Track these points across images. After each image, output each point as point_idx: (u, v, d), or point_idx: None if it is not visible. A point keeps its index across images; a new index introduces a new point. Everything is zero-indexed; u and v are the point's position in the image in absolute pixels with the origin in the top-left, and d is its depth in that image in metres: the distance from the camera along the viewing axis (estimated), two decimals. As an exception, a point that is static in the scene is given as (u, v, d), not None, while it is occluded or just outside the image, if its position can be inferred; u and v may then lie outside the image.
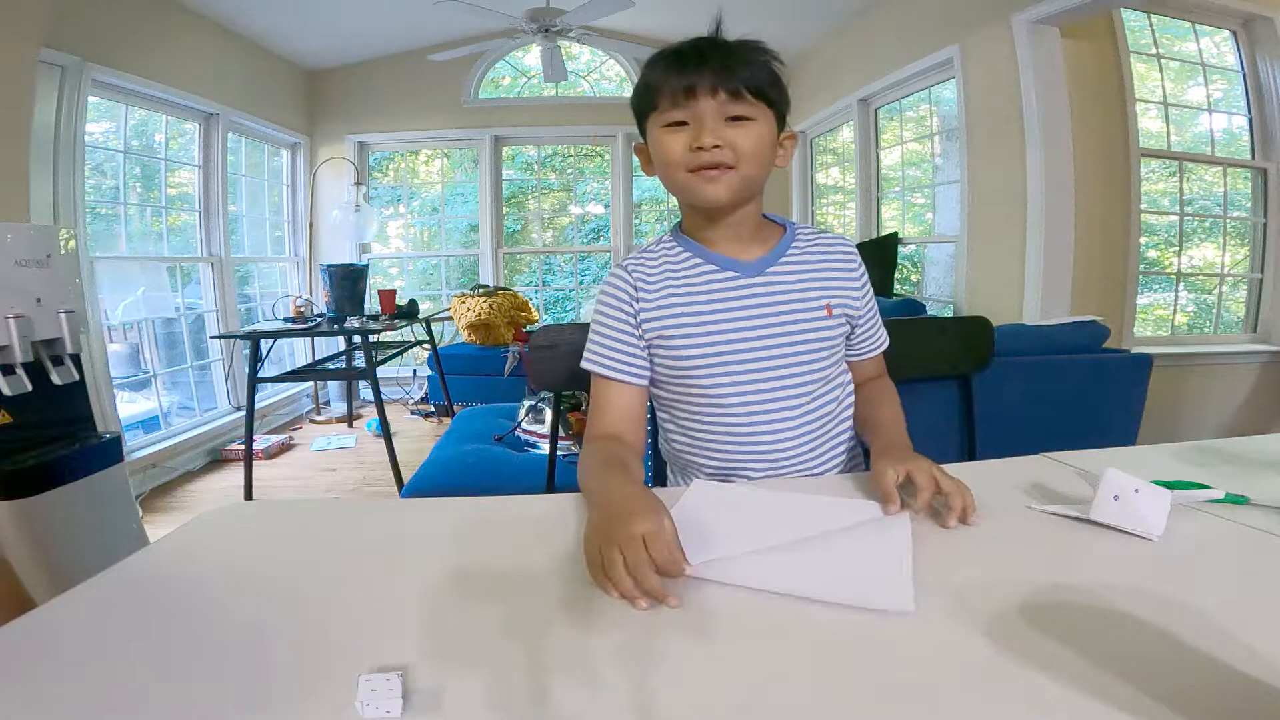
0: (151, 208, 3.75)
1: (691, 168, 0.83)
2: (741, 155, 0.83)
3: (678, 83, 0.81)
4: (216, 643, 0.51)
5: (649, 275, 0.91)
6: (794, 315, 0.89)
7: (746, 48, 0.84)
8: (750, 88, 0.82)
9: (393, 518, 0.80)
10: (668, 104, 0.83)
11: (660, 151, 0.85)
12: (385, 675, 0.43)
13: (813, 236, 0.96)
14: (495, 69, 5.19)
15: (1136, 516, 0.66)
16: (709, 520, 0.71)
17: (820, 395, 0.92)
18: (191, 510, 2.87)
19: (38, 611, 0.56)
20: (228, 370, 4.01)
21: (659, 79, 0.83)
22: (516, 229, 5.59)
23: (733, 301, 0.89)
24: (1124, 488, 0.68)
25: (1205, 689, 0.42)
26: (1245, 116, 3.31)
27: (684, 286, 0.90)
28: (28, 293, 1.86)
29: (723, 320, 0.89)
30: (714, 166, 0.82)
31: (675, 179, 0.86)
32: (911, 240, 4.06)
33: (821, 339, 0.90)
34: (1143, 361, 2.18)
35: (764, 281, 0.90)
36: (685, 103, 0.81)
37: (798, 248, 0.93)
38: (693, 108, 0.82)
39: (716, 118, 0.82)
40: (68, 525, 1.87)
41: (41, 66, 2.48)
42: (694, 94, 0.81)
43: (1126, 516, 0.67)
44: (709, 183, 0.84)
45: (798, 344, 0.89)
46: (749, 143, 0.83)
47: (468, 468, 1.96)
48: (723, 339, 0.88)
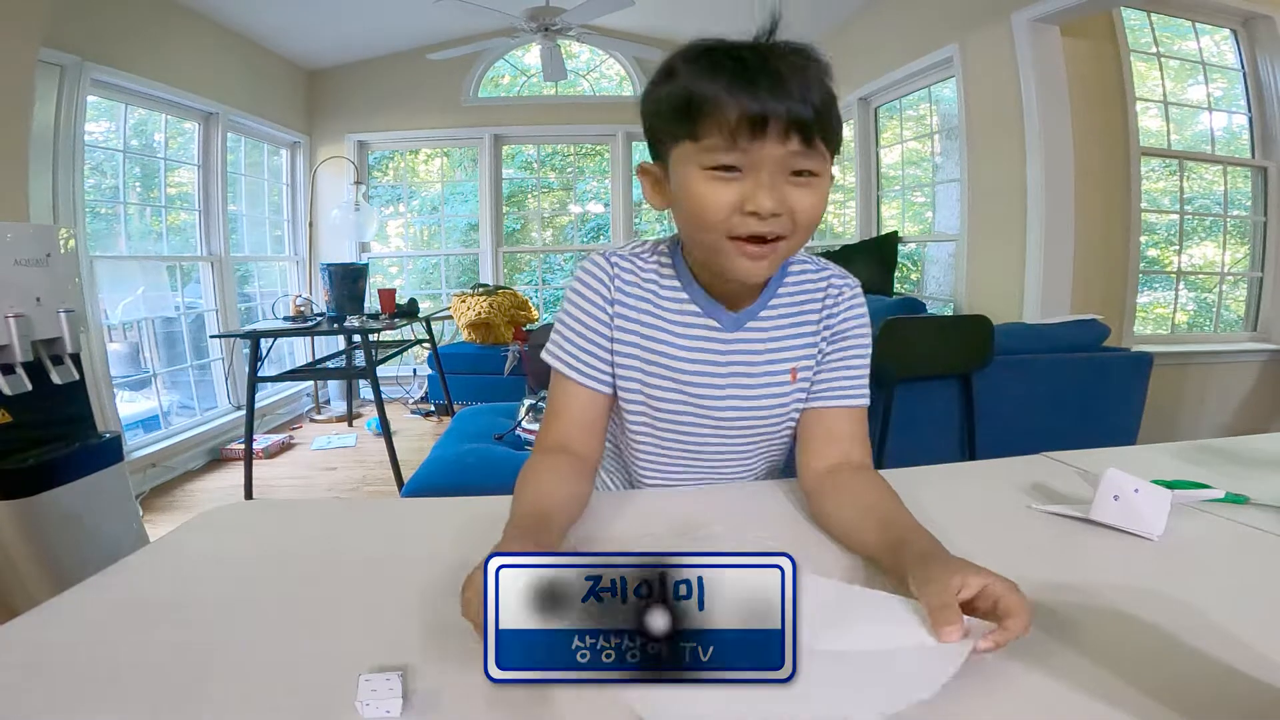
0: (151, 207, 3.75)
1: (735, 234, 0.64)
2: (799, 224, 0.64)
3: (741, 111, 0.60)
4: (216, 642, 0.51)
5: (631, 288, 0.78)
6: (758, 382, 0.78)
7: (819, 69, 0.63)
8: (825, 128, 0.62)
9: (393, 517, 0.80)
10: (722, 139, 0.61)
11: (694, 200, 0.64)
12: (385, 675, 0.42)
13: (804, 275, 0.80)
14: (495, 68, 5.18)
15: (1137, 516, 0.66)
16: None
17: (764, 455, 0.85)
18: (192, 510, 2.87)
19: (37, 611, 0.56)
20: (228, 369, 4.01)
21: (711, 96, 0.61)
22: (516, 228, 5.59)
23: (703, 354, 0.77)
24: (1124, 487, 0.67)
25: (1205, 689, 0.42)
26: (1245, 115, 3.31)
27: (663, 321, 0.78)
28: (28, 292, 1.86)
29: (689, 371, 0.77)
30: (763, 239, 0.64)
31: (707, 240, 0.67)
32: (911, 239, 4.05)
33: (783, 406, 0.79)
34: (1143, 360, 2.18)
35: (739, 340, 0.78)
36: (746, 144, 0.61)
37: (785, 291, 0.79)
38: (753, 152, 0.61)
39: (779, 171, 0.62)
40: (68, 525, 1.87)
41: (41, 66, 2.47)
42: (762, 133, 0.60)
43: (1127, 516, 0.66)
44: (751, 259, 0.65)
45: (756, 412, 0.79)
46: (812, 209, 0.64)
47: (468, 467, 1.96)
48: (685, 393, 0.78)
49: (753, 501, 0.79)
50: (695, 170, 0.64)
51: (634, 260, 0.79)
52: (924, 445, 2.02)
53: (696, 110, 0.62)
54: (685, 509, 0.76)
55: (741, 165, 0.62)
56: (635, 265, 0.79)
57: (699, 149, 0.63)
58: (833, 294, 0.79)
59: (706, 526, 0.68)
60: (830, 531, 0.68)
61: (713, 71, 0.61)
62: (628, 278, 0.78)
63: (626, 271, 0.78)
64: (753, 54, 0.62)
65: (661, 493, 0.84)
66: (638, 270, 0.79)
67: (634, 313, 0.78)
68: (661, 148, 0.68)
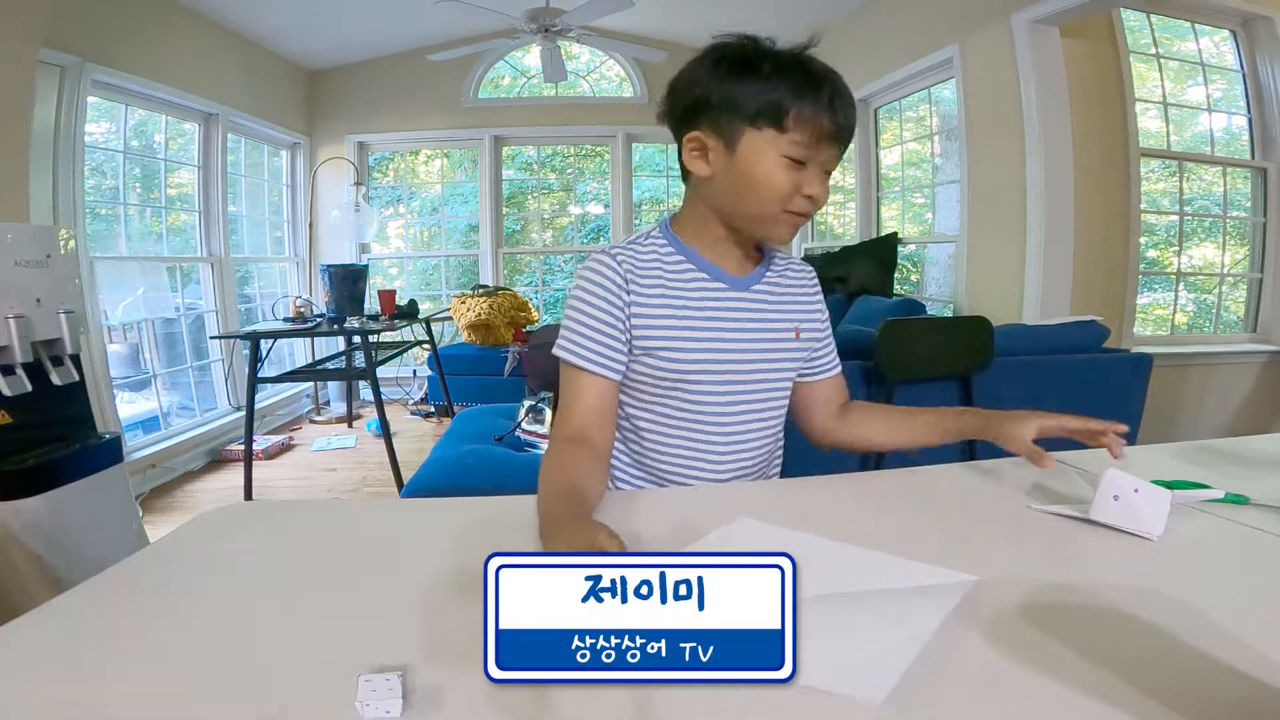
0: (151, 208, 3.75)
1: (791, 209, 0.81)
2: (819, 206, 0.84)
3: (827, 126, 0.78)
4: (216, 643, 0.51)
5: (641, 272, 0.87)
6: (771, 334, 0.90)
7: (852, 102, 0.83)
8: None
9: (393, 518, 0.80)
10: (807, 137, 0.78)
11: (766, 176, 0.80)
12: (385, 675, 0.42)
13: (783, 261, 0.97)
14: (495, 69, 5.19)
15: (1136, 516, 0.66)
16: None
17: (779, 409, 0.94)
18: (191, 510, 2.87)
19: (37, 611, 0.56)
20: (228, 370, 4.01)
21: (804, 106, 0.78)
22: (516, 229, 5.59)
23: (721, 313, 0.88)
24: (1124, 487, 0.67)
25: (1205, 689, 0.42)
26: (1245, 116, 3.31)
27: (678, 293, 0.87)
28: (28, 293, 1.86)
29: (711, 330, 0.87)
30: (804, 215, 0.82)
31: (764, 211, 0.82)
32: (911, 240, 4.06)
33: (790, 360, 0.93)
34: (1142, 361, 2.18)
35: (749, 298, 0.90)
36: (818, 148, 0.79)
37: (774, 269, 0.94)
38: (821, 152, 0.80)
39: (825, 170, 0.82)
40: (68, 525, 1.87)
41: (41, 66, 2.48)
42: (832, 144, 0.80)
43: (1126, 516, 0.66)
44: (790, 229, 0.84)
45: (772, 362, 0.90)
46: (827, 197, 0.84)
47: (468, 468, 1.96)
48: (710, 349, 0.87)
49: (755, 500, 0.79)
50: (774, 155, 0.79)
51: (633, 249, 0.89)
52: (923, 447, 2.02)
53: (795, 113, 0.77)
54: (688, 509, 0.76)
55: (808, 161, 0.80)
56: (636, 253, 0.89)
57: (785, 140, 0.78)
58: (815, 280, 0.99)
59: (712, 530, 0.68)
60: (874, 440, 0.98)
61: (810, 86, 0.78)
62: (636, 264, 0.87)
63: (631, 259, 0.88)
64: (828, 76, 0.79)
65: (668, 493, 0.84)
66: (640, 256, 0.88)
67: (652, 294, 0.86)
68: (728, 126, 0.80)
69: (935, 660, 0.46)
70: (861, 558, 0.63)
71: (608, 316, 0.86)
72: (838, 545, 0.66)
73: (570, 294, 0.89)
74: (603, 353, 0.85)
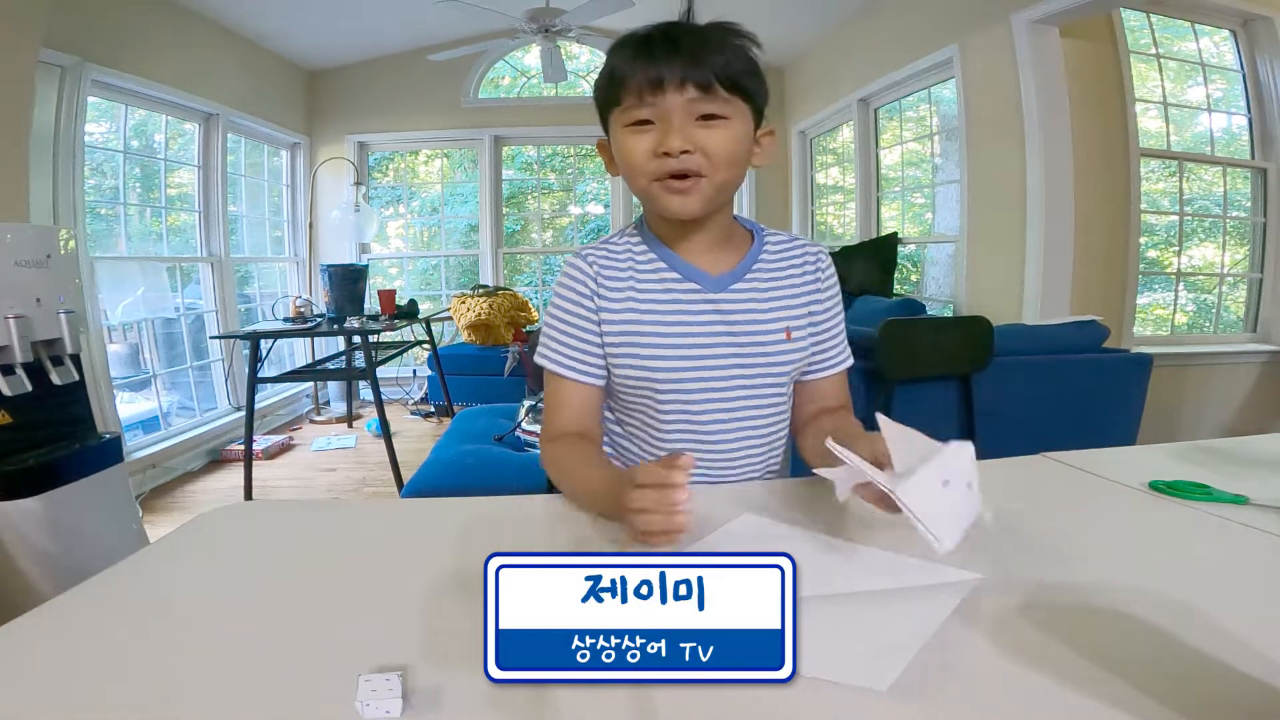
0: (151, 208, 3.75)
1: (658, 176, 0.75)
2: (714, 161, 0.74)
3: (643, 74, 0.72)
4: (216, 642, 0.51)
5: (611, 273, 0.83)
6: (754, 339, 0.82)
7: (721, 31, 0.75)
8: (724, 79, 0.73)
9: (393, 518, 0.80)
10: (632, 99, 0.74)
11: (623, 154, 0.77)
12: (385, 675, 0.42)
13: (781, 245, 0.88)
14: (495, 69, 5.19)
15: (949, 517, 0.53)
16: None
17: (770, 413, 0.86)
18: (191, 510, 2.87)
19: (37, 611, 0.56)
20: (227, 370, 4.01)
21: (623, 68, 0.74)
22: (516, 229, 5.59)
23: (693, 318, 0.82)
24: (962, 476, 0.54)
25: (1205, 689, 0.42)
26: (1245, 116, 3.31)
27: (646, 294, 0.83)
28: (28, 293, 1.86)
29: (679, 338, 0.81)
30: (683, 175, 0.74)
31: (639, 186, 0.78)
32: (911, 240, 4.06)
33: (779, 364, 0.84)
34: (1142, 361, 2.18)
35: (726, 300, 0.82)
36: (651, 98, 0.73)
37: (765, 260, 0.85)
38: (659, 104, 0.73)
39: (686, 117, 0.73)
40: (68, 525, 1.87)
41: (41, 66, 2.48)
42: (661, 88, 0.72)
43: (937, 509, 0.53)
44: (677, 194, 0.75)
45: (755, 369, 0.83)
46: (723, 146, 0.74)
47: (467, 468, 1.96)
48: (677, 358, 0.81)
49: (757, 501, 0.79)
50: (621, 130, 0.76)
51: (607, 248, 0.85)
52: (924, 446, 2.02)
53: (617, 82, 0.75)
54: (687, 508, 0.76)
55: (654, 118, 0.74)
56: (610, 251, 0.85)
57: (621, 111, 0.76)
58: (821, 265, 0.88)
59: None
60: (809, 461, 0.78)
61: (628, 49, 0.75)
62: (605, 266, 0.84)
63: (603, 260, 0.84)
64: (658, 30, 0.75)
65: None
66: (613, 256, 0.85)
67: (620, 295, 0.83)
68: (605, 121, 0.80)
69: (936, 658, 0.46)
70: (864, 556, 0.62)
71: (582, 321, 0.83)
72: (840, 543, 0.65)
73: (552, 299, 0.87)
74: (578, 358, 0.83)
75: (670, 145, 0.72)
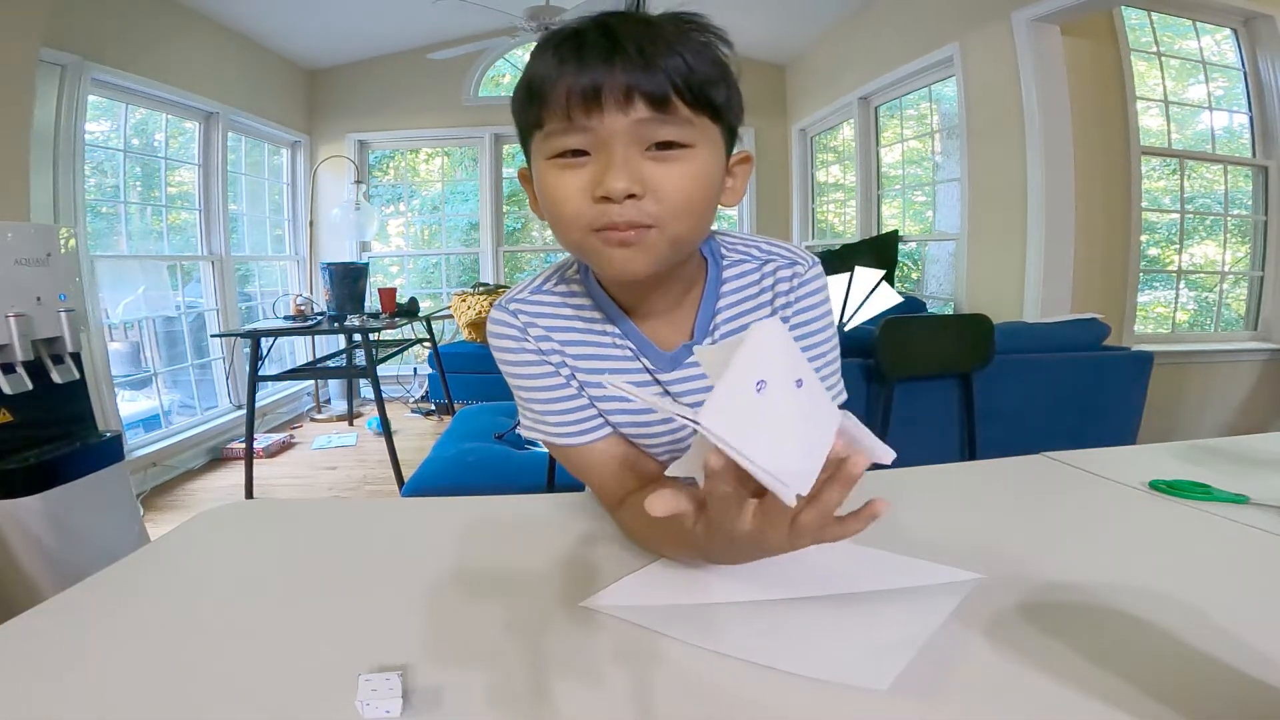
0: (152, 206, 3.75)
1: (595, 226, 0.54)
2: (669, 207, 0.53)
3: (573, 85, 0.51)
4: (216, 642, 0.51)
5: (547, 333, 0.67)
6: None
7: (679, 23, 0.54)
8: (685, 90, 0.52)
9: (393, 517, 0.79)
10: (558, 121, 0.53)
11: (548, 197, 0.55)
12: (385, 675, 0.43)
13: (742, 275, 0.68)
14: (495, 67, 5.18)
15: (776, 432, 0.38)
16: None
17: None
18: (192, 509, 2.88)
19: (38, 610, 0.56)
20: (228, 369, 4.01)
21: (545, 77, 0.53)
22: (517, 227, 5.59)
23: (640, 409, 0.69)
24: (784, 368, 0.39)
25: (1205, 689, 0.42)
26: (1246, 114, 3.31)
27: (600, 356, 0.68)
28: (28, 292, 1.86)
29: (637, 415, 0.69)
30: (628, 227, 0.53)
31: (571, 240, 0.56)
32: (912, 238, 4.05)
33: None
34: (1143, 359, 2.17)
35: (679, 380, 0.67)
36: (584, 120, 0.52)
37: (726, 306, 0.67)
38: (595, 129, 0.52)
39: (632, 145, 0.52)
40: (68, 525, 1.87)
41: (41, 66, 2.48)
42: (597, 105, 0.51)
43: (756, 426, 0.37)
44: (619, 249, 0.54)
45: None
46: (682, 188, 0.53)
47: (468, 466, 1.96)
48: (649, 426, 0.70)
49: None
50: (543, 163, 0.55)
51: (537, 301, 0.68)
52: (923, 445, 2.02)
53: (536, 95, 0.53)
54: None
55: (588, 147, 0.53)
56: (541, 305, 0.68)
57: (543, 138, 0.55)
58: (781, 289, 0.67)
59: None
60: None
61: (551, 49, 0.53)
62: (538, 324, 0.67)
63: (533, 317, 0.68)
64: (593, 26, 0.53)
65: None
66: (545, 311, 0.68)
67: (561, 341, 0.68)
68: (526, 144, 0.59)
69: (936, 658, 0.46)
70: (864, 556, 0.62)
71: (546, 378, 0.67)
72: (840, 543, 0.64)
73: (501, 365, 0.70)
74: (575, 419, 0.68)
75: (611, 188, 0.51)
